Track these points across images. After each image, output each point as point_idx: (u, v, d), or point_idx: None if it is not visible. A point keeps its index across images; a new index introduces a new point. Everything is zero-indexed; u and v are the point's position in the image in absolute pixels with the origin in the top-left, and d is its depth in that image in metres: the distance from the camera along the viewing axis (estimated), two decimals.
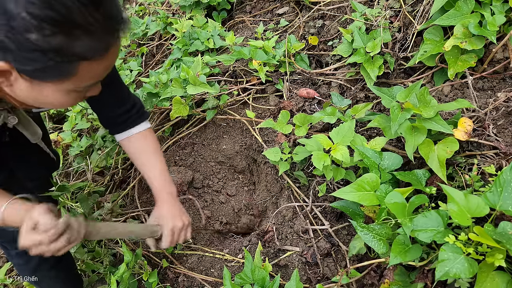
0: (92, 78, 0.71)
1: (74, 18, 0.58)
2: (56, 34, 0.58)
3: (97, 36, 0.63)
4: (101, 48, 0.65)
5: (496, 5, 1.14)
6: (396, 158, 1.08)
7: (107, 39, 0.65)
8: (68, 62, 0.63)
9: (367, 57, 1.38)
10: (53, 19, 0.57)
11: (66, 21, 0.58)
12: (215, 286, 1.37)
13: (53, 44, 0.59)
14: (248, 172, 1.74)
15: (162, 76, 1.69)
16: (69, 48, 0.61)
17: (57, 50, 0.60)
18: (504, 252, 0.75)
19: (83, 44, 0.61)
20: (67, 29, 0.59)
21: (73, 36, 0.60)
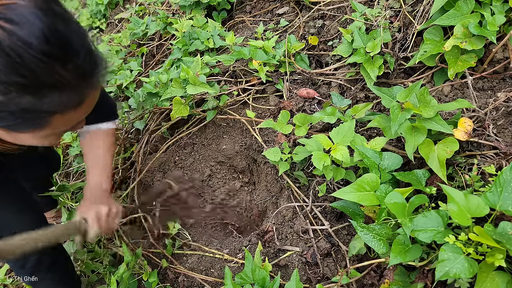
0: (69, 124, 0.70)
1: (40, 79, 0.57)
2: (23, 95, 0.57)
3: (67, 92, 0.61)
4: (73, 101, 0.64)
5: (496, 5, 1.14)
6: (396, 158, 1.08)
7: (79, 92, 0.64)
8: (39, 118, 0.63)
9: (367, 57, 1.38)
10: (18, 83, 0.56)
11: (32, 83, 0.57)
12: (215, 286, 1.37)
13: (20, 105, 0.58)
14: (248, 172, 1.74)
15: (162, 76, 1.69)
16: (38, 106, 0.60)
17: (25, 109, 0.59)
18: (504, 252, 0.75)
19: (52, 101, 0.60)
20: (34, 90, 0.58)
21: (41, 95, 0.59)
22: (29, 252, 0.85)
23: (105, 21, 3.20)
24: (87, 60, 0.62)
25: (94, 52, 0.64)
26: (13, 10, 0.54)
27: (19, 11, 0.54)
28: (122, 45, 2.47)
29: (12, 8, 0.54)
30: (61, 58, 0.58)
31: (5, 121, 0.62)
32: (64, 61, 0.58)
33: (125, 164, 1.90)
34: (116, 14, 3.08)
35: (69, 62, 0.59)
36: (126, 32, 2.44)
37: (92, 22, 3.25)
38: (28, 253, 1.08)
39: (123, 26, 2.92)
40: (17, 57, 0.54)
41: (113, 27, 3.07)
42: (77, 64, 0.60)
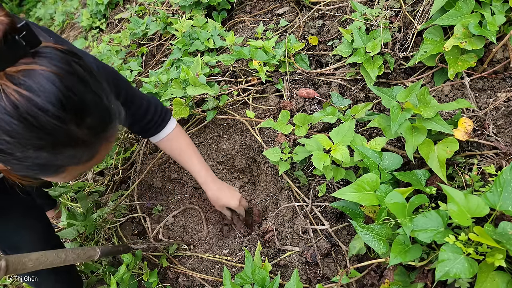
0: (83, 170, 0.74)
1: (56, 140, 0.61)
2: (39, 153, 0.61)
3: (81, 148, 0.65)
4: (87, 156, 0.68)
5: (496, 5, 1.14)
6: (396, 158, 1.08)
7: (92, 147, 0.67)
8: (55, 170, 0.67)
9: (367, 57, 1.38)
10: (36, 144, 0.60)
11: (48, 144, 0.61)
12: (215, 286, 1.37)
13: (36, 161, 0.62)
14: (248, 172, 1.74)
15: (162, 76, 1.69)
16: (52, 161, 0.64)
17: (41, 164, 0.64)
18: (504, 252, 0.75)
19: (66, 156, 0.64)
20: (50, 148, 0.61)
21: (56, 152, 0.63)
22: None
23: (105, 21, 3.20)
24: (101, 118, 0.66)
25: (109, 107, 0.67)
26: (32, 77, 0.57)
27: (37, 78, 0.57)
28: (122, 45, 2.47)
29: (31, 75, 0.57)
30: (76, 120, 0.61)
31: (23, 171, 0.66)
32: (79, 122, 0.62)
33: (125, 164, 1.90)
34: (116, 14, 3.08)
35: (83, 123, 0.63)
36: (126, 32, 2.44)
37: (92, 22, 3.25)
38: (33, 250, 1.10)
39: (123, 26, 2.92)
40: (34, 121, 0.57)
41: (113, 27, 3.07)
42: (91, 124, 0.64)
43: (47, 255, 0.87)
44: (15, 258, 0.79)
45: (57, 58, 0.60)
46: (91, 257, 1.02)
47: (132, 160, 1.88)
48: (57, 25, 4.07)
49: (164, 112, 1.27)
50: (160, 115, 1.25)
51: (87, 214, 1.52)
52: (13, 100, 0.56)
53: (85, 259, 1.00)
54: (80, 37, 3.42)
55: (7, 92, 0.56)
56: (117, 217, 1.66)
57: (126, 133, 1.92)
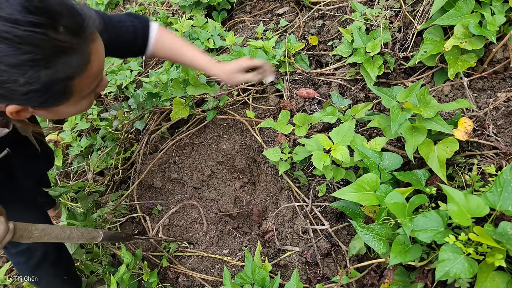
0: (91, 82, 0.74)
1: (43, 50, 0.60)
2: (38, 71, 0.61)
3: (71, 53, 0.64)
4: (81, 61, 0.67)
5: (496, 5, 1.14)
6: (396, 158, 1.07)
7: (81, 51, 0.66)
8: (62, 87, 0.67)
9: (367, 57, 1.37)
10: (28, 60, 0.59)
11: (39, 56, 0.60)
12: (215, 286, 1.37)
13: (41, 81, 0.62)
14: (248, 172, 1.74)
15: (162, 76, 1.69)
16: (55, 76, 0.63)
17: (47, 83, 0.63)
18: (504, 252, 0.75)
19: (64, 67, 0.64)
20: (44, 62, 0.61)
21: (52, 65, 0.62)
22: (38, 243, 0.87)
23: None
24: (73, 17, 0.64)
25: (75, 7, 0.66)
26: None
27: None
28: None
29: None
30: (49, 23, 0.60)
31: (37, 100, 0.66)
32: (53, 25, 0.60)
33: (125, 164, 1.90)
34: None
35: (58, 25, 0.61)
36: None
37: None
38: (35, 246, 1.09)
39: None
40: (12, 37, 0.57)
41: None
42: (66, 25, 0.62)
43: (53, 228, 0.89)
44: (23, 225, 0.81)
45: None
46: (94, 238, 1.04)
47: (132, 160, 1.88)
48: None
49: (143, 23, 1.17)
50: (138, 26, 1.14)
51: (87, 214, 1.52)
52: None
53: (88, 239, 1.02)
54: None
55: None
56: (117, 217, 1.66)
57: (126, 133, 1.92)
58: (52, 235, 0.89)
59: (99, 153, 1.89)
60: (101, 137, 1.92)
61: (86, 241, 1.03)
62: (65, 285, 1.34)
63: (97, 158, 1.88)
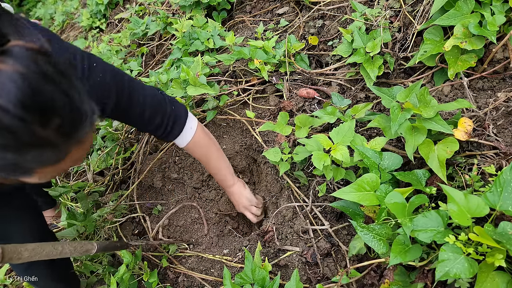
0: (58, 172, 0.71)
1: (19, 140, 0.59)
2: (5, 153, 0.59)
3: (48, 149, 0.63)
4: (55, 157, 0.65)
5: (496, 5, 1.14)
6: (396, 158, 1.08)
7: (61, 149, 0.65)
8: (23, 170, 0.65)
9: (367, 57, 1.37)
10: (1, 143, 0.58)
11: (12, 144, 0.59)
12: (215, 286, 1.37)
13: (3, 162, 0.61)
14: (248, 172, 1.74)
15: (162, 76, 1.69)
16: (20, 163, 0.62)
17: (10, 164, 0.62)
18: (504, 252, 0.75)
19: (33, 158, 0.62)
20: (15, 149, 0.59)
21: (22, 153, 0.61)
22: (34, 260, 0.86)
23: (105, 21, 3.20)
24: (70, 119, 0.63)
25: (81, 108, 0.65)
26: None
27: (1, 78, 0.56)
28: (122, 45, 2.47)
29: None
30: (40, 120, 0.59)
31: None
32: (43, 123, 0.59)
33: (125, 164, 1.90)
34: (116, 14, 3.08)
35: (50, 123, 0.60)
36: (126, 32, 2.44)
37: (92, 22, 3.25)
38: None
39: (123, 26, 2.92)
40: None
41: (113, 27, 3.07)
42: (59, 124, 0.61)
43: (44, 246, 0.87)
44: (11, 247, 0.79)
45: (24, 57, 0.59)
46: (88, 251, 1.02)
47: (132, 160, 1.88)
48: (57, 25, 4.07)
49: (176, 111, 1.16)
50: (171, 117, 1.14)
51: (87, 214, 1.52)
52: None
53: (82, 253, 1.00)
54: (80, 37, 3.42)
55: None
56: (117, 217, 1.66)
57: (126, 133, 1.92)
58: (43, 254, 0.87)
59: (99, 153, 1.89)
60: (101, 137, 1.92)
61: (79, 254, 1.00)
62: (61, 285, 1.33)
63: (97, 158, 1.88)
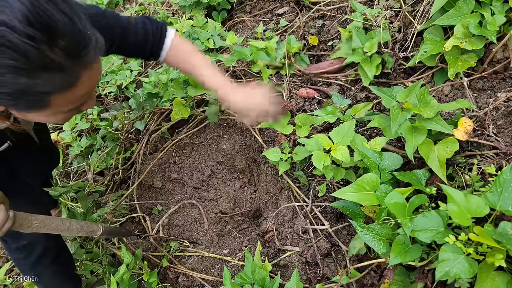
0: (71, 103, 0.71)
1: (30, 61, 0.58)
2: (17, 77, 0.59)
3: (58, 72, 0.62)
4: (67, 82, 0.65)
5: (496, 5, 1.14)
6: (396, 158, 1.08)
7: (71, 73, 0.64)
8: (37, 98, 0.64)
9: (365, 57, 1.37)
10: (11, 65, 0.57)
11: (23, 66, 0.58)
12: (215, 286, 1.37)
13: (16, 87, 0.60)
14: (248, 172, 1.74)
15: (161, 76, 1.69)
16: (32, 87, 0.61)
17: (21, 90, 0.61)
18: (504, 252, 0.75)
19: (45, 82, 0.62)
20: (26, 71, 0.59)
21: (34, 77, 0.60)
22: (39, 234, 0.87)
23: None
24: (75, 40, 0.62)
25: (83, 32, 0.64)
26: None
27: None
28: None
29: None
30: (47, 40, 0.58)
31: (5, 101, 0.64)
32: (51, 43, 0.59)
33: (125, 164, 1.90)
34: None
35: (56, 44, 0.59)
36: None
37: None
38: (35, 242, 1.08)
39: None
40: (4, 40, 0.55)
41: None
42: (64, 45, 0.60)
43: (53, 219, 0.90)
44: (22, 214, 0.82)
45: None
46: (93, 231, 1.04)
47: (132, 160, 1.88)
48: None
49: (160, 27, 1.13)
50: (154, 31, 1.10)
51: (87, 214, 1.52)
52: None
53: (88, 232, 1.02)
54: None
55: None
56: (117, 217, 1.66)
57: (126, 133, 1.92)
58: (51, 226, 0.89)
59: (99, 153, 1.89)
60: (101, 137, 1.92)
61: (85, 234, 1.02)
62: (64, 284, 1.34)
63: (97, 158, 1.88)
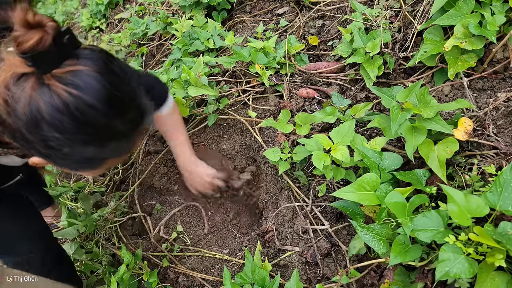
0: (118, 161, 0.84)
1: (102, 133, 0.66)
2: (86, 147, 0.66)
3: (122, 139, 0.71)
4: (127, 147, 0.75)
5: (496, 5, 1.14)
6: (396, 158, 1.08)
7: (131, 140, 0.74)
8: (97, 163, 0.74)
9: (367, 57, 1.37)
10: (83, 139, 0.65)
11: (95, 138, 0.66)
12: (215, 286, 1.37)
13: (84, 155, 0.68)
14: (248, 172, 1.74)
15: (162, 76, 1.69)
16: (98, 155, 0.70)
17: (88, 158, 0.69)
18: (504, 252, 0.75)
19: (110, 149, 0.70)
20: (97, 143, 0.67)
21: (102, 146, 0.68)
22: None
23: (105, 21, 3.20)
24: (138, 112, 0.72)
25: (142, 101, 0.73)
26: (78, 76, 0.62)
27: (84, 78, 0.62)
28: (122, 45, 2.47)
29: (77, 75, 0.62)
30: (119, 115, 0.67)
31: (68, 166, 0.72)
32: (121, 118, 0.68)
33: (125, 164, 1.90)
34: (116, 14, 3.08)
35: (125, 118, 0.69)
36: (126, 32, 2.44)
37: (92, 22, 3.24)
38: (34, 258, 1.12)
39: (123, 26, 2.92)
40: (83, 118, 0.62)
41: (113, 27, 3.07)
42: (130, 119, 0.70)
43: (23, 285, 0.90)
44: None
45: (97, 58, 0.65)
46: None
47: (132, 160, 1.88)
48: None
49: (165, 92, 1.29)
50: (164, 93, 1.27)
51: (88, 214, 1.52)
52: (63, 99, 0.60)
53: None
54: (80, 37, 3.42)
55: (57, 91, 0.60)
56: (117, 217, 1.66)
57: None
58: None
59: None
60: None
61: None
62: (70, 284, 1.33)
63: None
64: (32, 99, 0.60)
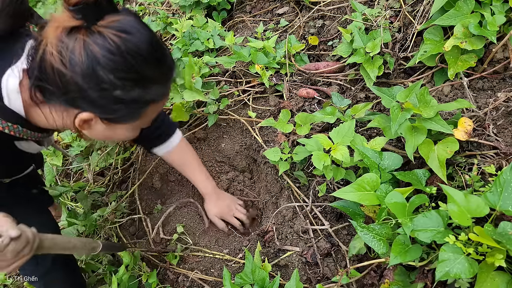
0: (154, 114, 0.88)
1: (147, 75, 0.74)
2: (134, 89, 0.74)
3: (162, 83, 0.80)
4: (165, 91, 0.84)
5: (496, 5, 1.14)
6: (396, 158, 1.08)
7: (167, 84, 0.83)
8: (142, 107, 0.80)
9: (367, 57, 1.37)
10: (133, 79, 0.72)
11: (142, 79, 0.74)
12: (215, 286, 1.37)
13: (132, 96, 0.74)
14: (248, 172, 1.74)
15: None
16: (143, 97, 0.77)
17: (135, 100, 0.76)
18: (504, 252, 0.75)
19: (153, 92, 0.78)
20: (142, 83, 0.75)
21: (146, 88, 0.76)
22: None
23: None
24: (172, 60, 0.81)
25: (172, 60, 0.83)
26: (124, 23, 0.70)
27: (130, 23, 0.71)
28: None
29: (123, 22, 0.70)
30: (159, 59, 0.76)
31: (118, 112, 0.77)
32: (161, 61, 0.77)
33: (125, 164, 1.90)
34: None
35: (164, 62, 0.78)
36: None
37: None
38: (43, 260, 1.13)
39: None
40: (132, 59, 0.70)
41: None
42: (167, 63, 0.79)
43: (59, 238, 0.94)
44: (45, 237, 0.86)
45: (133, 12, 0.74)
46: (94, 248, 1.10)
47: (132, 160, 1.88)
48: None
49: (169, 119, 1.36)
50: (167, 122, 1.32)
51: (87, 214, 1.52)
52: (115, 41, 0.68)
53: (89, 250, 1.08)
54: None
55: (108, 36, 0.68)
56: (117, 217, 1.66)
57: None
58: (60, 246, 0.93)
59: (99, 153, 1.89)
60: None
61: (87, 251, 1.07)
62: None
63: (97, 158, 1.88)
64: (86, 45, 0.67)
